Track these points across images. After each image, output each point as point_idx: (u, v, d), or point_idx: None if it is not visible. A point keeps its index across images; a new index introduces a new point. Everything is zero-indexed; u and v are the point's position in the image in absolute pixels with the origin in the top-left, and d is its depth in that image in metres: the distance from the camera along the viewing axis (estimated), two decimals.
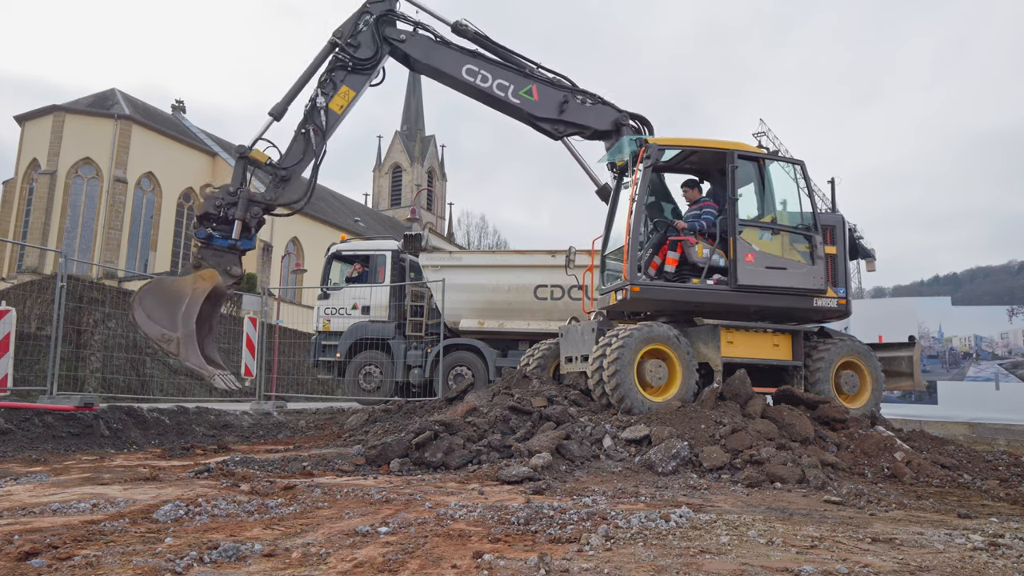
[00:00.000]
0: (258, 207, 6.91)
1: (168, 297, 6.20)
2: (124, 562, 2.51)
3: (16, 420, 6.46)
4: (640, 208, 6.98)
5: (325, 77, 7.45)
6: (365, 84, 7.60)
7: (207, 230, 6.70)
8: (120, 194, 31.17)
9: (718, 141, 7.44)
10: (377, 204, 61.01)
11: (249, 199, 6.81)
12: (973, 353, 14.60)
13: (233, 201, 6.72)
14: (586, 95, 8.14)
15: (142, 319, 6.07)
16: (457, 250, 15.43)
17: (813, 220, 7.23)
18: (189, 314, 6.15)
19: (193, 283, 6.32)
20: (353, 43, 7.46)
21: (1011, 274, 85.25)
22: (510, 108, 8.05)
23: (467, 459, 5.29)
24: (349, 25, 7.54)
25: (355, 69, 7.47)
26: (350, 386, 12.20)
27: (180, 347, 6.01)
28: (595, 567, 2.51)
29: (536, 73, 8.10)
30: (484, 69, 7.91)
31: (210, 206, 6.72)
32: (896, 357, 8.34)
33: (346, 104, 7.47)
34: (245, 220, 6.76)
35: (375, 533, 3.04)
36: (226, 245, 6.70)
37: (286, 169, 7.13)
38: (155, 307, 6.12)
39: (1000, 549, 2.94)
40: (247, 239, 6.86)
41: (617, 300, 7.06)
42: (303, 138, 7.25)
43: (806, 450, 5.43)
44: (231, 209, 6.71)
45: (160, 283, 6.41)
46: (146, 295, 6.17)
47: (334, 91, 7.39)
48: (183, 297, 6.21)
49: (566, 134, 8.18)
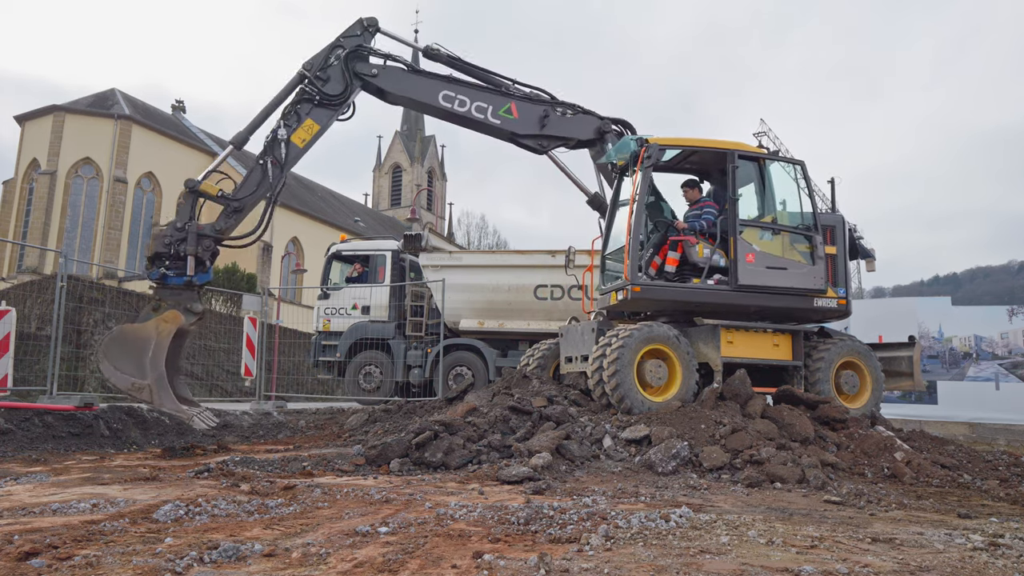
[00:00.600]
0: (209, 240, 6.72)
1: (133, 344, 6.04)
2: (124, 562, 2.51)
3: (16, 420, 6.45)
4: (641, 208, 6.98)
5: (290, 109, 7.28)
6: (331, 119, 7.45)
7: (160, 270, 6.53)
8: (120, 194, 31.16)
9: (718, 141, 7.44)
10: (377, 204, 61.01)
11: (199, 233, 6.64)
12: (973, 353, 14.60)
13: (182, 237, 6.54)
14: (565, 106, 8.09)
15: (109, 371, 5.92)
16: (457, 250, 15.43)
17: (813, 220, 7.23)
18: (157, 359, 6.01)
19: (156, 327, 6.17)
20: (322, 76, 7.31)
21: (1011, 274, 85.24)
22: (491, 129, 7.98)
23: (467, 459, 5.29)
24: (320, 58, 7.39)
25: (322, 103, 7.32)
26: (350, 386, 12.20)
27: (153, 394, 5.88)
28: (595, 567, 2.51)
29: (513, 90, 8.04)
30: (461, 93, 7.82)
31: (160, 245, 6.55)
32: (896, 357, 8.34)
33: (309, 138, 7.29)
34: (198, 254, 6.60)
35: (375, 533, 3.04)
36: (182, 283, 6.53)
37: (239, 200, 6.94)
38: (121, 356, 5.97)
39: (1000, 549, 2.94)
40: (203, 272, 6.67)
41: (618, 300, 7.06)
42: (260, 169, 7.07)
43: (806, 450, 5.43)
44: (181, 245, 6.53)
45: (123, 331, 6.18)
46: (111, 346, 6.02)
47: (298, 124, 7.23)
48: (148, 342, 6.05)
49: (550, 148, 8.12)
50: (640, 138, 7.22)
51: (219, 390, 15.21)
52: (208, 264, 6.78)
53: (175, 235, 6.55)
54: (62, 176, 30.69)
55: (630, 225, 6.89)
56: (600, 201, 8.38)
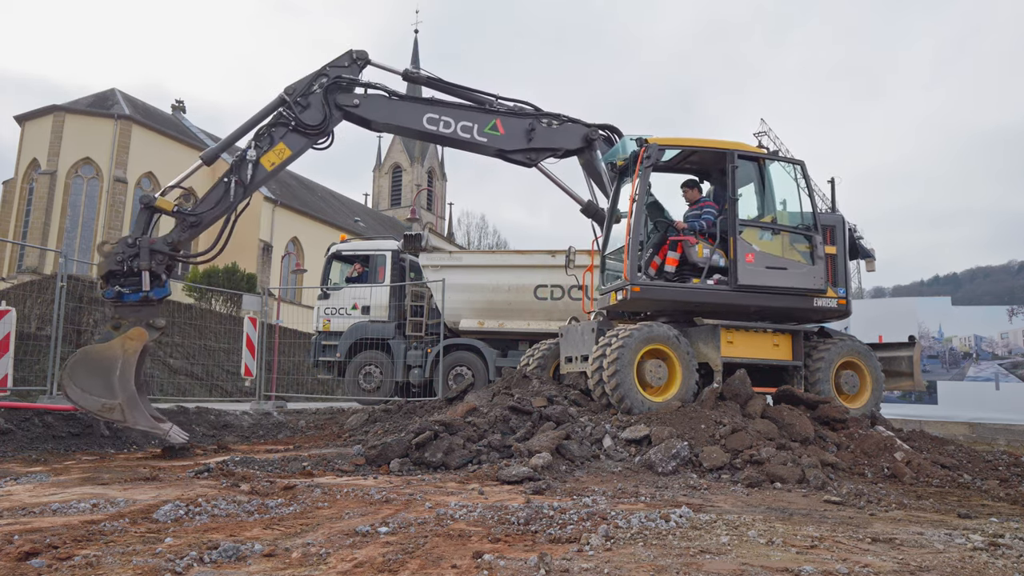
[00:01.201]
0: (162, 254, 6.54)
1: (99, 365, 5.88)
2: (124, 562, 2.51)
3: (16, 420, 6.45)
4: (640, 208, 6.98)
5: (264, 130, 7.17)
6: (305, 146, 7.33)
7: (115, 288, 6.35)
8: (120, 194, 31.15)
9: (718, 141, 7.44)
10: (377, 204, 60.99)
11: (151, 247, 6.43)
12: (973, 353, 14.59)
13: (134, 252, 6.34)
14: (551, 117, 8.05)
15: (77, 395, 5.73)
16: (457, 250, 15.42)
17: (813, 220, 7.23)
18: (126, 378, 5.86)
19: (123, 345, 6.00)
20: (303, 103, 7.22)
21: (1011, 274, 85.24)
22: (479, 147, 7.94)
23: (467, 459, 5.29)
24: (303, 84, 7.30)
25: (297, 129, 7.21)
26: (350, 386, 12.20)
27: (125, 413, 5.74)
28: (595, 567, 2.51)
29: (497, 106, 7.98)
30: (445, 115, 7.75)
31: (111, 263, 6.32)
32: (896, 357, 8.34)
33: (279, 162, 7.15)
34: (152, 269, 6.40)
35: (375, 533, 3.04)
36: (138, 299, 6.35)
37: (196, 215, 6.80)
38: (87, 378, 5.79)
39: (1000, 549, 2.94)
40: (159, 287, 6.49)
41: (617, 300, 7.06)
42: (224, 187, 6.92)
43: (806, 450, 5.43)
44: (134, 261, 6.32)
45: (87, 353, 6.00)
46: (75, 368, 5.81)
47: (269, 146, 7.10)
48: (115, 362, 5.89)
49: (539, 160, 8.07)
50: (640, 138, 7.22)
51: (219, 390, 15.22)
52: (164, 278, 6.59)
53: (127, 251, 6.35)
54: (62, 176, 30.68)
55: (630, 225, 6.89)
56: (594, 209, 8.36)
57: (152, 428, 5.87)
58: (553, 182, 8.46)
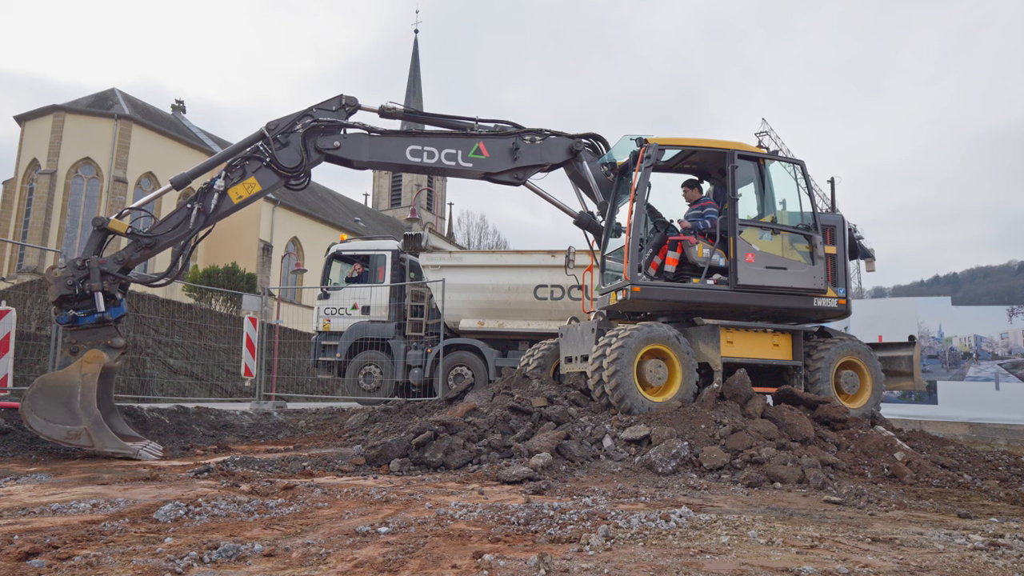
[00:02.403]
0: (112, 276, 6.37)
1: (59, 392, 5.77)
2: (124, 562, 2.51)
3: (16, 420, 6.44)
4: (640, 208, 6.98)
5: (236, 161, 7.05)
6: (276, 185, 7.23)
7: (69, 313, 6.16)
8: (120, 194, 31.15)
9: (718, 141, 7.44)
10: (377, 204, 60.98)
11: (101, 268, 6.26)
12: (973, 353, 14.60)
13: (85, 274, 6.17)
14: (533, 133, 8.01)
15: (40, 424, 5.61)
16: (457, 250, 15.43)
17: (813, 220, 7.23)
18: (87, 402, 5.76)
19: (80, 369, 5.89)
20: (282, 140, 7.11)
21: (1011, 274, 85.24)
22: (465, 173, 7.90)
23: (467, 459, 5.29)
24: (286, 122, 7.19)
25: (270, 166, 7.09)
26: (350, 386, 12.20)
27: (92, 437, 5.64)
28: (595, 567, 2.51)
29: (478, 129, 7.93)
30: (427, 145, 7.70)
31: (62, 288, 6.12)
32: (896, 357, 8.34)
33: (247, 196, 7.03)
34: (105, 289, 6.24)
35: (375, 533, 3.04)
36: (94, 321, 6.19)
37: (151, 237, 6.63)
38: (49, 407, 5.67)
39: (1000, 549, 2.94)
40: (115, 307, 6.34)
41: (617, 300, 7.07)
42: (185, 212, 6.78)
43: (806, 450, 5.43)
44: (85, 283, 6.16)
45: (44, 382, 5.87)
46: (35, 398, 5.70)
47: (240, 179, 6.97)
48: (75, 387, 5.80)
49: (526, 178, 8.02)
50: (640, 138, 7.23)
51: (219, 390, 15.22)
52: (119, 297, 6.43)
53: (76, 273, 6.16)
54: (62, 176, 30.69)
55: (629, 225, 6.90)
56: (587, 219, 8.32)
57: (121, 449, 5.71)
58: (543, 198, 8.38)
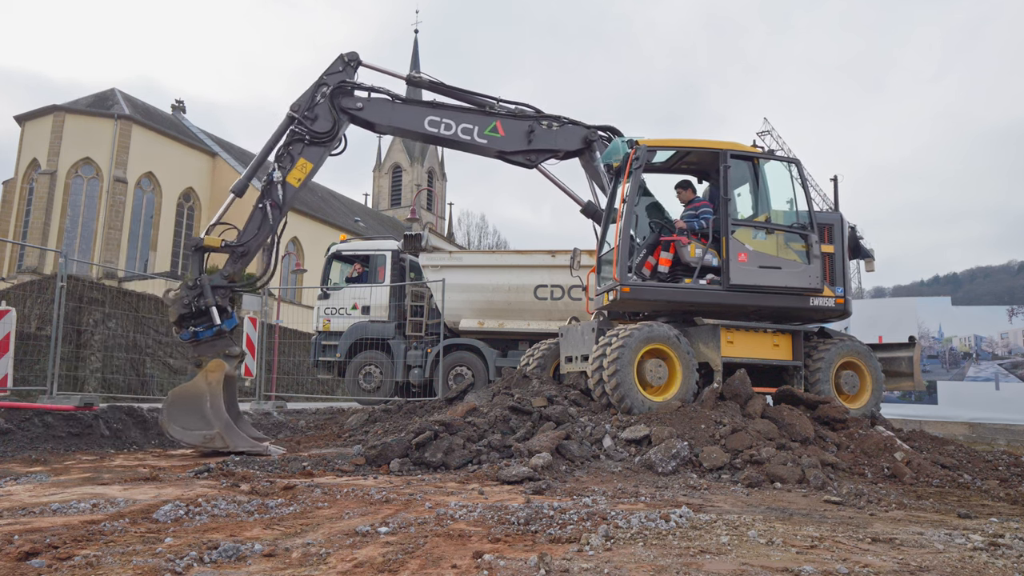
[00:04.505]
0: (222, 288, 6.96)
1: (190, 402, 6.47)
2: (124, 562, 2.51)
3: (16, 420, 6.45)
4: (630, 209, 7.02)
5: (282, 151, 7.41)
6: (324, 155, 7.58)
7: (190, 330, 6.78)
8: (120, 194, 31.17)
9: (710, 141, 7.44)
10: (377, 204, 60.99)
11: (211, 284, 6.85)
12: (973, 353, 14.60)
13: (198, 292, 6.77)
14: (551, 119, 8.17)
15: (179, 433, 6.34)
16: (457, 250, 15.42)
17: (809, 219, 7.22)
18: (216, 407, 6.44)
19: (206, 379, 6.59)
20: (310, 116, 7.44)
21: (1011, 274, 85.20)
22: (479, 149, 8.09)
23: (467, 459, 5.29)
24: (307, 98, 7.52)
25: (312, 142, 7.45)
26: (350, 386, 12.20)
27: (225, 439, 6.27)
28: (595, 567, 2.51)
29: (498, 108, 8.12)
30: (446, 117, 7.92)
31: (180, 308, 6.75)
32: (896, 357, 8.34)
33: (304, 177, 7.44)
34: (218, 304, 6.83)
35: (375, 533, 3.04)
36: (213, 334, 6.80)
37: (243, 245, 7.14)
38: (184, 416, 6.39)
39: (1000, 549, 2.94)
40: (228, 319, 6.92)
41: (609, 300, 7.10)
42: (260, 213, 7.22)
43: (806, 450, 5.43)
44: (199, 300, 6.75)
45: (176, 394, 6.61)
46: (171, 410, 6.42)
47: (291, 165, 7.36)
48: (203, 395, 6.48)
49: (539, 161, 8.20)
50: (631, 140, 7.26)
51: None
52: (230, 310, 7.04)
53: (190, 293, 6.77)
54: (62, 176, 30.70)
55: (619, 227, 6.92)
56: (594, 209, 8.43)
57: (252, 447, 6.28)
58: (553, 183, 8.53)
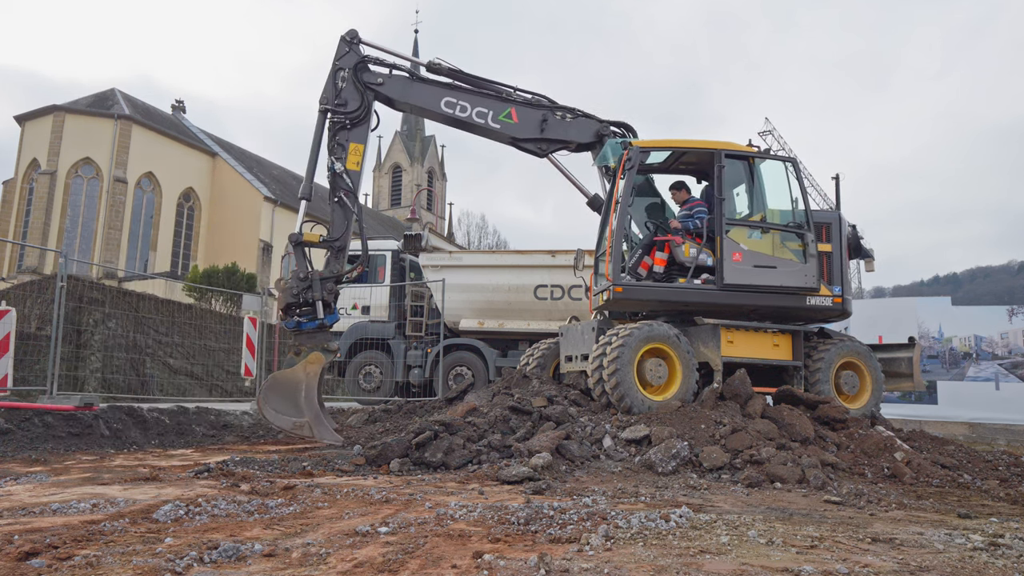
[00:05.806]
0: (330, 282, 7.26)
1: (287, 388, 6.72)
2: (124, 562, 2.51)
3: (16, 420, 6.45)
4: (624, 210, 7.03)
5: (332, 144, 7.65)
6: (367, 132, 7.84)
7: (294, 320, 7.05)
8: (120, 194, 31.15)
9: (705, 141, 7.45)
10: (377, 204, 60.99)
11: (320, 278, 7.16)
12: (973, 353, 14.60)
13: (307, 285, 7.05)
14: (565, 110, 8.30)
15: (272, 415, 6.61)
16: (457, 250, 15.44)
17: (805, 218, 7.21)
18: (311, 398, 6.69)
19: (305, 369, 6.83)
20: (340, 102, 7.64)
21: (1011, 274, 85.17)
22: (492, 133, 8.23)
23: (467, 459, 5.29)
24: (329, 88, 7.71)
25: (354, 125, 7.68)
26: (350, 386, 12.20)
27: (313, 429, 6.51)
28: (595, 567, 2.51)
29: (514, 96, 8.26)
30: (462, 100, 8.11)
31: (289, 297, 7.06)
32: (896, 358, 8.34)
33: (360, 159, 7.73)
34: (324, 298, 7.13)
35: (375, 533, 3.04)
36: (315, 326, 7.04)
37: (338, 240, 7.48)
38: (279, 401, 6.65)
39: (1000, 549, 2.94)
40: (331, 314, 7.23)
41: (604, 301, 7.11)
42: (339, 206, 7.54)
43: (806, 450, 5.43)
44: (308, 292, 7.04)
45: (275, 379, 6.89)
46: (269, 393, 6.69)
47: (344, 153, 7.62)
48: (300, 384, 6.73)
49: (550, 151, 8.34)
50: (624, 141, 7.29)
51: (219, 390, 15.20)
52: (333, 305, 7.32)
53: (299, 284, 7.04)
54: (62, 176, 30.68)
55: (611, 227, 6.93)
56: (600, 202, 8.48)
57: (335, 441, 6.55)
58: (562, 173, 8.69)
